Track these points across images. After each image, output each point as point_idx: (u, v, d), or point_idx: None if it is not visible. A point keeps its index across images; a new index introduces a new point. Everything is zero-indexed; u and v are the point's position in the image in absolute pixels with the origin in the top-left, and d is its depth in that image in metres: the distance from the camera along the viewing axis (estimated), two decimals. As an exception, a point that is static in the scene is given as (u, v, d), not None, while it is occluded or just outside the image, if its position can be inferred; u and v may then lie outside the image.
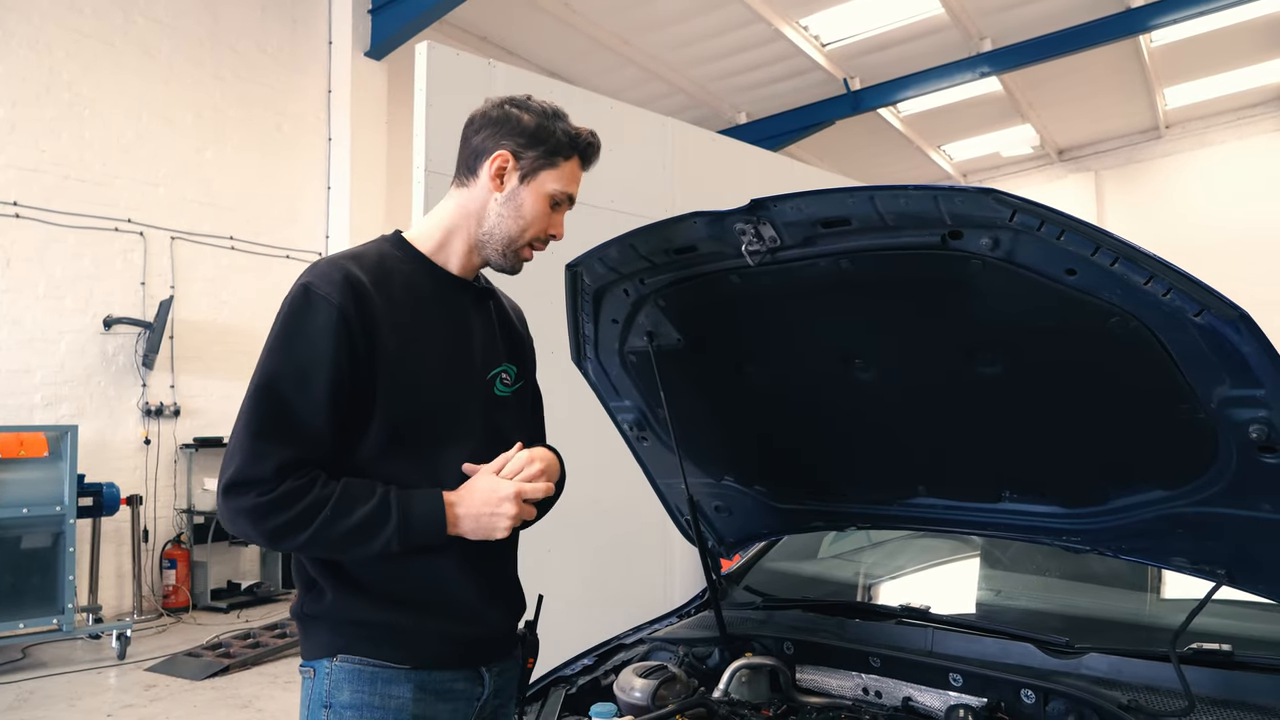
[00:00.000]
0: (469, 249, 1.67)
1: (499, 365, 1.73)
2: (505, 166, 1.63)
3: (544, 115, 1.64)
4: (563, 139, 1.64)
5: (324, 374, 1.46)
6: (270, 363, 1.48)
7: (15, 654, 6.00)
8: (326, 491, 1.45)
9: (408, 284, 1.61)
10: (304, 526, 1.43)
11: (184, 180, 7.78)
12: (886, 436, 1.89)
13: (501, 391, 1.72)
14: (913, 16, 10.07)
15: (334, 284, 1.49)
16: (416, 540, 1.49)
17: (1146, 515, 1.61)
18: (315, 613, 1.56)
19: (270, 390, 1.46)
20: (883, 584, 2.65)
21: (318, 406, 1.46)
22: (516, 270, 1.71)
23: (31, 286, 6.84)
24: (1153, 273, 1.26)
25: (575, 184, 1.70)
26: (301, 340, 1.48)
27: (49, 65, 6.97)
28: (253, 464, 1.42)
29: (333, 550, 1.49)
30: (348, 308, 1.48)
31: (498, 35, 10.14)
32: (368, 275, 1.54)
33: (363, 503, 1.47)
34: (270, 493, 1.41)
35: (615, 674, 2.04)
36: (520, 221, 1.64)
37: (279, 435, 1.44)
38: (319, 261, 1.57)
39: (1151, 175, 14.29)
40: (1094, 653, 1.72)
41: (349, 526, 1.45)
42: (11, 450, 5.84)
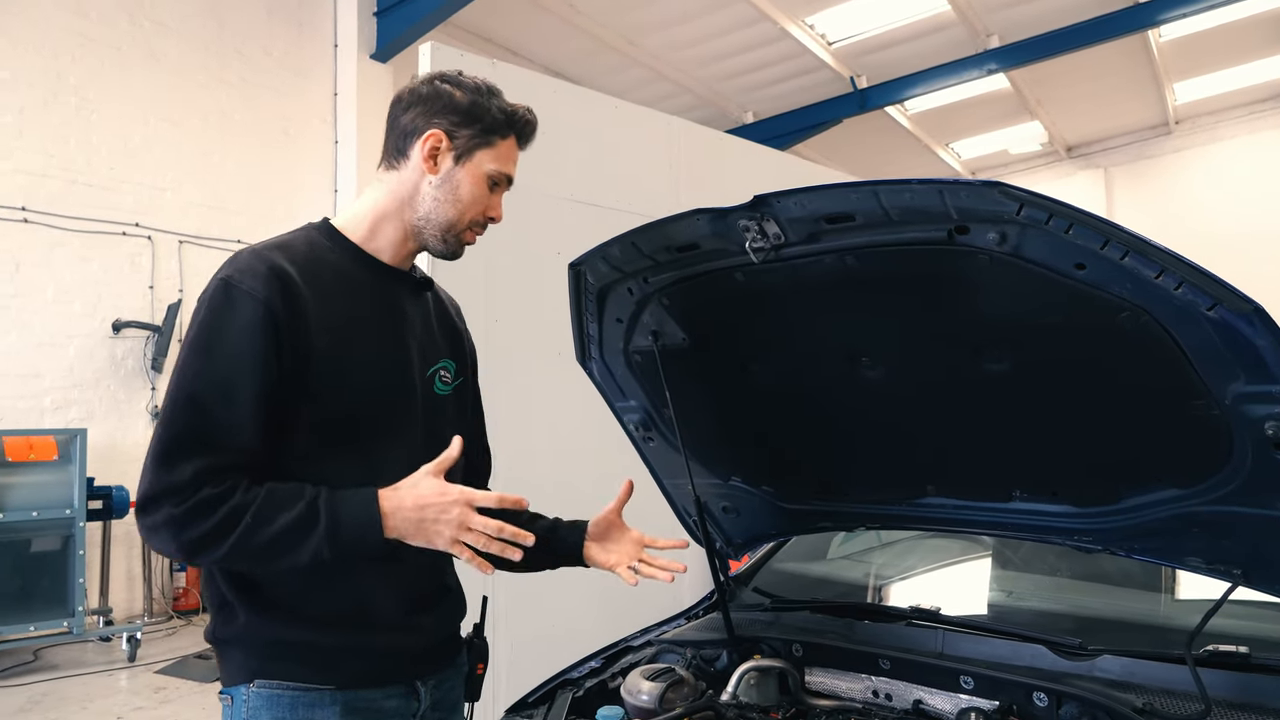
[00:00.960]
0: (403, 236, 1.57)
1: (438, 362, 1.64)
2: (439, 147, 1.53)
3: (478, 92, 1.54)
4: (499, 117, 1.55)
5: (250, 380, 1.34)
6: (188, 370, 1.35)
7: (27, 656, 6.02)
8: (249, 497, 1.32)
9: (339, 275, 1.49)
10: (224, 535, 1.30)
11: (191, 184, 7.79)
12: (894, 435, 1.86)
13: (441, 390, 1.63)
14: (919, 14, 10.03)
15: (258, 277, 1.37)
16: (349, 546, 1.36)
17: (1160, 514, 1.58)
18: (228, 636, 1.45)
19: (190, 403, 1.34)
20: (892, 585, 2.62)
21: (243, 417, 1.34)
22: (457, 256, 1.61)
23: (40, 291, 6.86)
24: (1164, 266, 1.24)
25: (513, 164, 1.61)
26: (223, 343, 1.35)
27: (56, 70, 6.99)
28: (166, 476, 1.30)
29: (258, 561, 1.37)
30: (274, 302, 1.36)
31: (503, 36, 10.13)
32: (295, 266, 1.42)
33: (288, 508, 1.33)
34: (185, 501, 1.29)
35: (622, 676, 2.02)
36: (458, 205, 1.55)
37: (196, 449, 1.32)
38: (240, 252, 1.44)
39: (1161, 171, 14.21)
40: (1107, 655, 1.69)
41: (273, 533, 1.32)
42: (21, 454, 5.87)
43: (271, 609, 1.43)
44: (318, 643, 1.43)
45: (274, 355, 1.36)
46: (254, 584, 1.43)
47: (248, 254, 1.43)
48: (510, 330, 3.55)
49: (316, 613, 1.43)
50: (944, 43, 10.67)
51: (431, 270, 1.82)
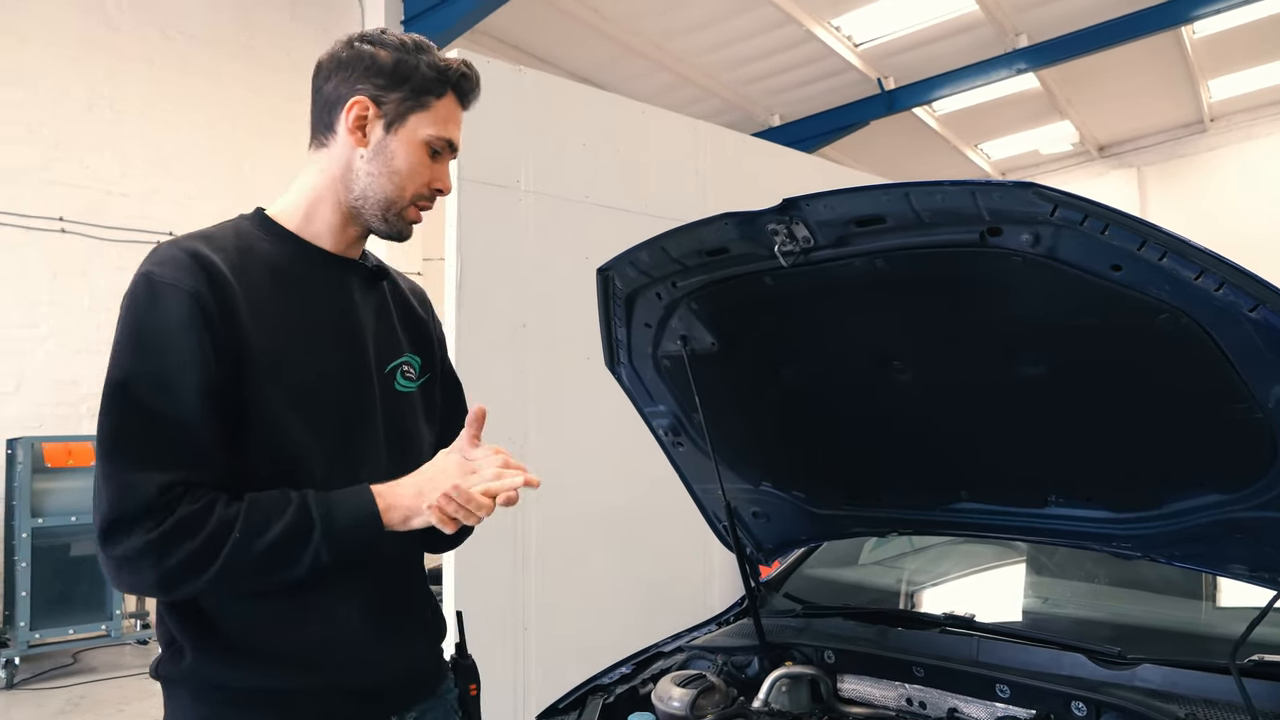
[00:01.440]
0: (342, 220, 1.41)
1: (398, 357, 1.48)
2: (365, 115, 1.37)
3: (403, 49, 1.37)
4: (429, 74, 1.37)
5: (189, 373, 1.20)
6: (120, 369, 1.21)
7: (66, 659, 6.12)
8: (231, 511, 1.19)
9: (273, 266, 1.35)
10: (211, 558, 1.17)
11: (222, 193, 7.89)
12: (927, 439, 1.84)
13: (404, 387, 1.47)
14: (946, 14, 9.95)
15: (181, 267, 1.24)
16: (349, 544, 1.25)
17: (1201, 520, 1.55)
18: (174, 675, 1.30)
19: (128, 406, 1.19)
20: (926, 591, 2.60)
21: (192, 416, 1.20)
22: (405, 236, 1.45)
23: (76, 299, 6.98)
24: (1203, 267, 1.21)
25: (455, 126, 1.42)
26: (153, 338, 1.22)
27: (90, 83, 7.11)
28: (129, 496, 1.16)
29: (251, 580, 1.23)
30: (202, 293, 1.22)
31: (529, 43, 10.18)
32: (222, 257, 1.28)
33: (278, 515, 1.21)
34: (160, 525, 1.15)
35: (653, 683, 2.01)
36: (395, 179, 1.38)
37: (152, 456, 1.18)
38: (159, 246, 1.30)
39: (1196, 170, 13.98)
40: (1148, 664, 1.66)
41: (266, 545, 1.19)
42: (60, 460, 5.97)
43: (222, 649, 1.28)
44: (274, 687, 1.29)
45: (210, 347, 1.22)
46: (204, 621, 1.29)
47: (167, 245, 1.29)
48: (539, 335, 3.56)
49: (271, 652, 1.29)
50: (972, 43, 10.57)
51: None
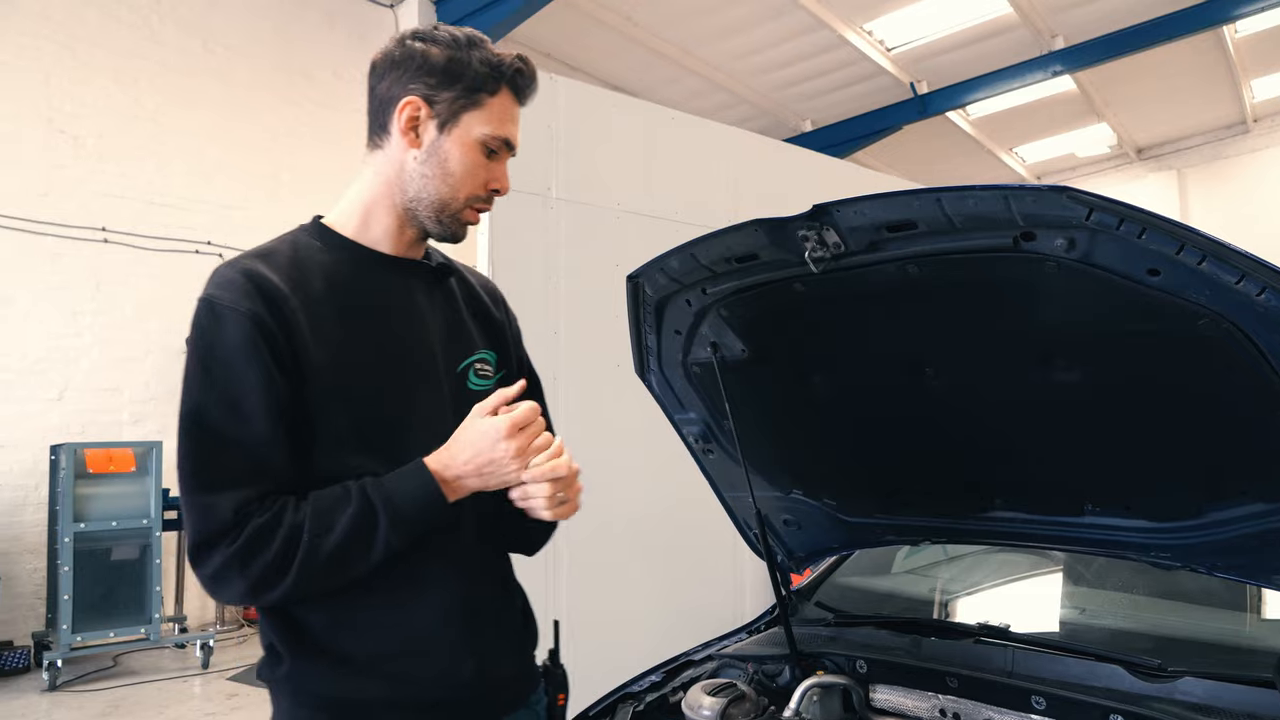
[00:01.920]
0: (398, 222, 1.40)
1: (471, 354, 1.46)
2: (418, 115, 1.35)
3: (454, 45, 1.35)
4: (481, 70, 1.34)
5: (257, 396, 1.22)
6: (192, 397, 1.25)
7: (107, 662, 6.23)
8: (299, 515, 1.22)
9: (331, 277, 1.34)
10: (289, 560, 1.20)
11: (261, 203, 8.02)
12: (960, 447, 1.82)
13: (478, 385, 1.45)
14: (980, 17, 9.87)
15: (238, 290, 1.25)
16: (416, 524, 1.26)
17: (1244, 530, 1.52)
18: (272, 679, 1.34)
19: (202, 430, 1.24)
20: (960, 600, 2.56)
21: (261, 436, 1.23)
22: (460, 238, 1.43)
23: (119, 308, 7.12)
24: (1245, 271, 1.19)
25: (510, 124, 1.39)
26: (218, 364, 1.24)
27: (134, 96, 7.27)
28: (210, 518, 1.20)
29: (328, 578, 1.25)
30: (260, 314, 1.24)
31: (561, 51, 10.24)
32: (279, 274, 1.29)
33: (341, 509, 1.23)
34: (237, 540, 1.19)
35: (683, 691, 2.01)
36: (449, 180, 1.36)
37: (225, 478, 1.22)
38: (219, 267, 1.31)
39: (1239, 172, 13.73)
40: (1189, 677, 1.62)
41: (335, 543, 1.22)
42: (102, 466, 6.09)
43: (316, 656, 1.31)
44: (364, 697, 1.31)
45: (273, 367, 1.24)
46: (297, 628, 1.32)
47: (225, 267, 1.31)
48: (569, 342, 3.57)
49: (365, 661, 1.31)
50: (1006, 45, 10.47)
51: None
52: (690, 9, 9.55)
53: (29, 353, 6.65)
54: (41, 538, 6.48)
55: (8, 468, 6.46)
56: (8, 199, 6.58)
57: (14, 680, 5.93)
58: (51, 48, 6.85)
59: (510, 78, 1.38)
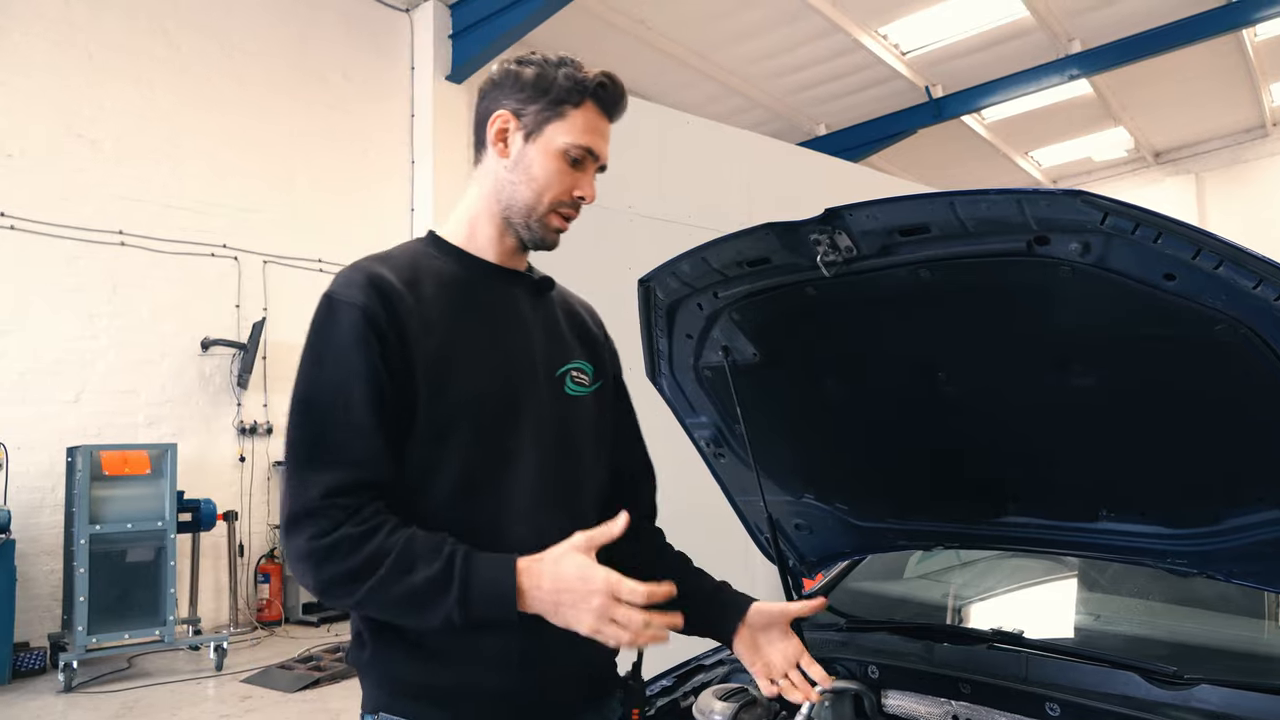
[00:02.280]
0: (498, 231, 1.49)
1: (569, 361, 1.54)
2: (507, 127, 1.45)
3: (545, 64, 1.46)
4: (565, 84, 1.44)
5: (360, 384, 1.31)
6: (303, 383, 1.35)
7: (122, 663, 6.26)
8: (389, 544, 1.27)
9: (441, 279, 1.44)
10: (358, 583, 1.26)
11: (275, 205, 8.07)
12: (973, 452, 1.81)
13: (575, 391, 1.53)
14: (996, 21, 9.85)
15: (356, 286, 1.36)
16: (480, 617, 1.28)
17: (1262, 536, 1.50)
18: (358, 663, 1.43)
19: (307, 413, 1.33)
20: (973, 606, 2.55)
21: (361, 422, 1.31)
22: (550, 244, 1.51)
23: (135, 311, 7.17)
24: (1262, 276, 1.18)
25: (595, 135, 1.47)
26: (331, 352, 1.34)
27: (150, 100, 7.33)
28: (301, 495, 1.28)
29: (387, 614, 1.32)
30: (373, 308, 1.34)
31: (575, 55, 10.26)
32: (395, 274, 1.39)
33: (424, 564, 1.27)
34: (326, 535, 1.26)
35: (694, 696, 2.00)
36: (533, 185, 1.44)
37: (324, 457, 1.30)
38: (343, 269, 1.43)
39: (1258, 176, 13.62)
40: (1206, 684, 1.60)
41: (404, 590, 1.26)
42: (117, 468, 6.13)
43: (397, 642, 1.38)
44: (440, 684, 1.37)
45: (380, 362, 1.32)
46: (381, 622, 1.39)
47: (349, 268, 1.42)
48: (582, 346, 3.57)
49: (444, 650, 1.36)
50: (1023, 49, 10.43)
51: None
52: (705, 13, 9.56)
53: (46, 355, 6.71)
54: (58, 539, 6.53)
55: (25, 469, 6.52)
56: (26, 202, 6.65)
57: (30, 681, 5.97)
58: (70, 52, 6.92)
59: (593, 91, 1.46)
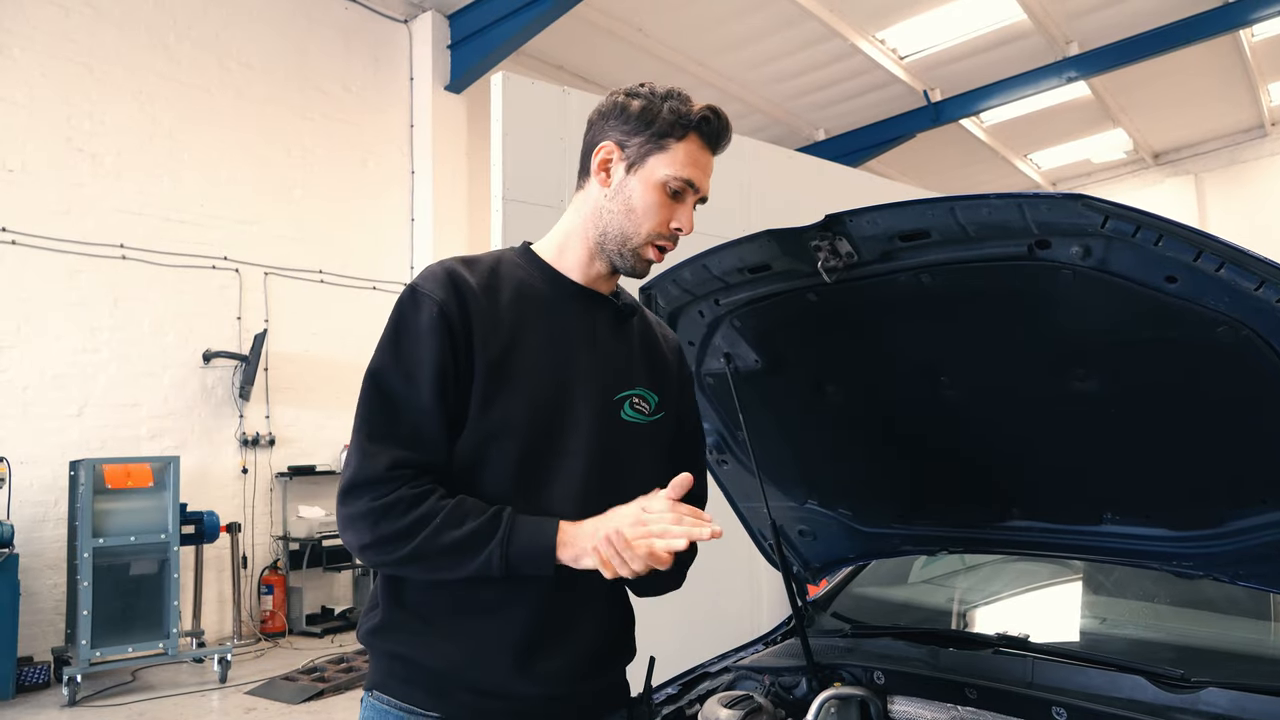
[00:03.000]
0: (589, 255, 1.53)
1: (632, 388, 1.55)
2: (610, 158, 1.49)
3: (652, 96, 1.48)
4: (669, 117, 1.46)
5: (428, 369, 1.38)
6: (377, 361, 1.43)
7: (125, 677, 6.25)
8: (441, 505, 1.35)
9: (520, 288, 1.49)
10: (411, 538, 1.33)
11: (276, 217, 8.08)
12: (976, 456, 1.81)
13: (631, 417, 1.54)
14: (994, 24, 9.85)
15: (437, 281, 1.43)
16: (519, 562, 1.35)
17: (1267, 538, 1.50)
18: (365, 634, 1.48)
19: (377, 388, 1.41)
20: (978, 610, 2.54)
21: (426, 406, 1.38)
22: (641, 273, 1.54)
23: (137, 324, 7.17)
24: (1264, 277, 1.18)
25: (697, 168, 1.49)
26: (406, 338, 1.41)
27: (151, 114, 7.34)
28: (365, 465, 1.36)
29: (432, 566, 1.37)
30: (449, 304, 1.40)
31: (573, 63, 10.29)
32: (476, 276, 1.46)
33: (473, 518, 1.35)
34: (384, 497, 1.34)
35: (700, 703, 1.99)
36: (632, 216, 1.48)
37: (389, 432, 1.38)
38: (430, 265, 1.50)
39: (1258, 176, 13.62)
40: (1213, 687, 1.60)
41: (453, 540, 1.34)
42: (120, 481, 6.12)
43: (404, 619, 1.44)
44: (434, 667, 1.42)
45: (449, 351, 1.39)
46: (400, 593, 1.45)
47: (435, 264, 1.49)
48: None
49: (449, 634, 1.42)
50: (1021, 52, 10.44)
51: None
52: (702, 20, 9.58)
53: (48, 369, 6.71)
54: (61, 553, 6.52)
55: (28, 483, 6.51)
56: (27, 217, 6.66)
57: (34, 695, 5.95)
58: (70, 67, 6.93)
59: (696, 124, 1.48)
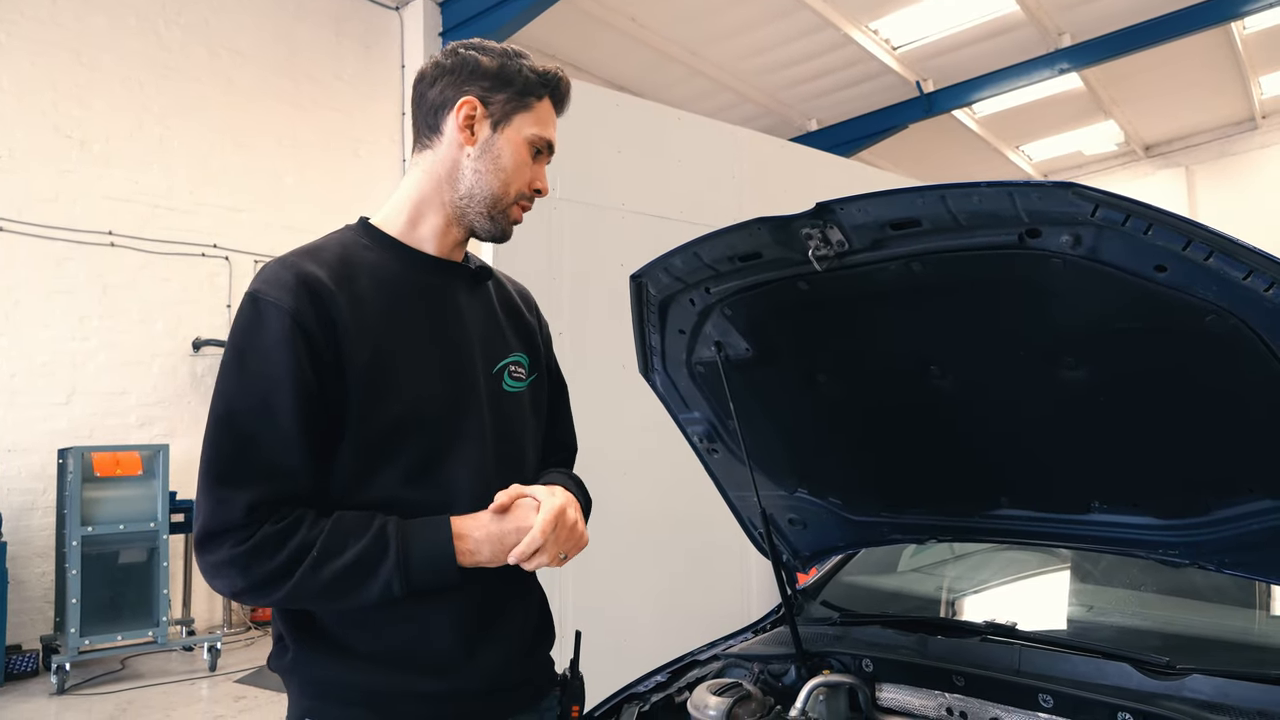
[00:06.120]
0: (446, 222, 1.45)
1: (507, 356, 1.52)
2: (474, 114, 1.42)
3: (505, 55, 1.45)
4: (531, 77, 1.44)
5: (286, 395, 1.24)
6: (224, 389, 1.27)
7: (115, 665, 6.24)
8: (314, 532, 1.24)
9: (376, 275, 1.38)
10: (288, 576, 1.22)
11: (265, 205, 8.04)
12: (966, 445, 1.81)
13: (513, 387, 1.50)
14: (987, 15, 9.85)
15: (284, 287, 1.28)
16: (422, 580, 1.27)
17: (1253, 526, 1.50)
18: (280, 668, 1.38)
19: (228, 423, 1.25)
20: (966, 599, 2.55)
21: (286, 435, 1.24)
22: (506, 236, 1.48)
23: (126, 312, 7.14)
24: (1252, 266, 1.18)
25: (553, 128, 1.49)
26: (254, 358, 1.26)
27: (140, 101, 7.29)
28: (219, 511, 1.22)
29: (324, 600, 1.27)
30: (302, 311, 1.27)
31: (566, 53, 10.24)
32: (326, 270, 1.33)
33: (355, 539, 1.24)
34: (246, 541, 1.21)
35: (689, 691, 2.00)
36: (502, 175, 1.43)
37: (243, 474, 1.23)
38: (269, 263, 1.35)
39: (1248, 168, 13.67)
40: (1198, 674, 1.61)
41: (339, 569, 1.22)
42: (109, 469, 6.10)
43: (319, 644, 1.34)
44: (368, 684, 1.33)
45: (308, 367, 1.26)
46: (304, 617, 1.35)
47: (275, 264, 1.34)
48: (574, 343, 3.56)
49: (362, 650, 1.33)
50: (1013, 43, 10.44)
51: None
52: (695, 9, 9.55)
53: (36, 357, 6.68)
54: (49, 541, 6.50)
55: (16, 472, 6.49)
56: (15, 204, 6.61)
57: (22, 684, 5.95)
58: (59, 54, 6.87)
59: (554, 85, 1.48)
